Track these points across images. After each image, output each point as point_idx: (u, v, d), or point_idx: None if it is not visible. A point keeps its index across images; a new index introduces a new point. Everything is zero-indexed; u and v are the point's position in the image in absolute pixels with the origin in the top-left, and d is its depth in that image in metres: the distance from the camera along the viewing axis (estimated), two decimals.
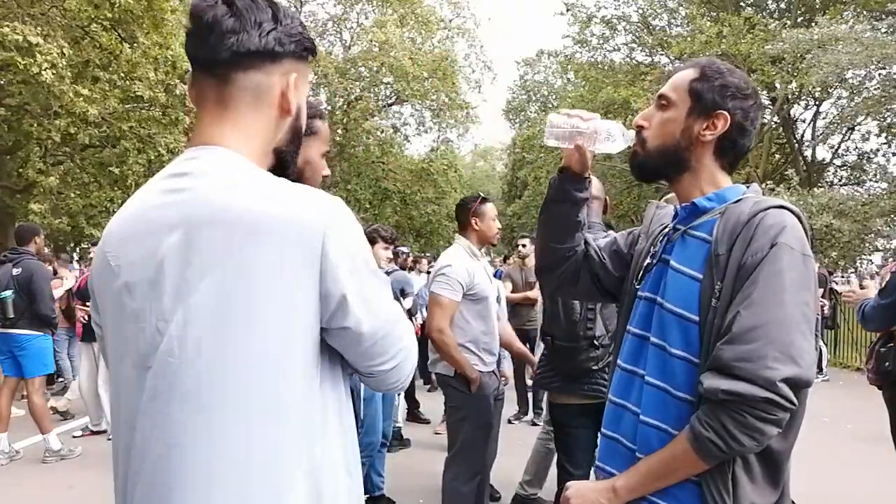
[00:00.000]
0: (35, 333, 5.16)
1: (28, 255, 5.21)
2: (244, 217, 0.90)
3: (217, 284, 0.90)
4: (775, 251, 1.16)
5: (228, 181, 0.94)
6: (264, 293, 0.90)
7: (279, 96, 1.01)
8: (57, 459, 5.13)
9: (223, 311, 0.90)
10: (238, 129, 1.00)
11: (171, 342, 0.91)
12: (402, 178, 22.48)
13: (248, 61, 0.98)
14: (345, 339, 0.97)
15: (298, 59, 1.03)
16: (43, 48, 8.81)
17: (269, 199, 0.92)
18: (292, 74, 1.02)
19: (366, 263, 0.98)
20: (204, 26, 0.97)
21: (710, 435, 1.14)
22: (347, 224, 0.96)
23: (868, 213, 13.12)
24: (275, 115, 1.03)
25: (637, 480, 1.26)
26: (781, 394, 1.10)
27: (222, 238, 0.90)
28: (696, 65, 1.36)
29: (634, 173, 1.41)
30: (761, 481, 1.20)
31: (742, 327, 1.13)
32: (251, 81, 1.00)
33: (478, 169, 45.33)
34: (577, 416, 2.84)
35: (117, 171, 11.37)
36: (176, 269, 0.92)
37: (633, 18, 20.75)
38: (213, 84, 1.00)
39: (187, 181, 0.96)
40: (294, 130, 1.07)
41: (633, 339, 1.38)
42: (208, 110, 1.02)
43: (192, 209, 0.93)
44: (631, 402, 1.35)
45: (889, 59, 12.39)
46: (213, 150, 0.99)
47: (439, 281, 3.22)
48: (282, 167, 1.08)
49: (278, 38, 0.99)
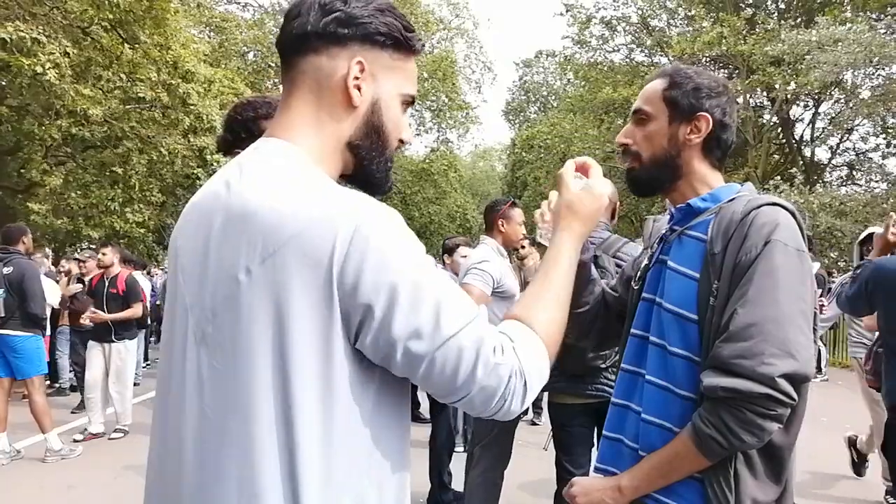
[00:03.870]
0: (25, 334, 5.14)
1: (18, 255, 5.21)
2: (258, 217, 0.85)
3: (229, 282, 0.86)
4: (769, 248, 1.17)
5: (261, 177, 0.90)
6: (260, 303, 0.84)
7: (342, 84, 0.95)
8: (58, 459, 5.13)
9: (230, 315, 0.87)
10: (298, 119, 0.96)
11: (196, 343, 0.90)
12: (403, 178, 22.53)
13: (308, 43, 0.94)
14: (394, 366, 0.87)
15: (372, 44, 0.95)
16: (46, 48, 8.82)
17: (285, 202, 0.85)
18: (355, 59, 0.94)
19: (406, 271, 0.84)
20: (285, 17, 0.97)
21: (712, 432, 1.15)
22: (372, 228, 0.84)
23: (869, 214, 13.13)
24: (339, 106, 0.96)
25: (641, 478, 1.27)
26: (780, 389, 1.11)
27: (237, 236, 0.86)
28: (662, 74, 1.37)
29: (632, 189, 1.42)
30: (763, 476, 1.21)
31: (739, 325, 1.14)
32: (311, 65, 0.95)
33: (478, 169, 45.30)
34: (577, 415, 2.85)
35: (120, 171, 11.38)
36: (215, 261, 0.89)
37: (632, 19, 20.75)
38: (283, 72, 0.98)
39: (236, 173, 0.93)
40: (370, 126, 0.98)
41: (634, 340, 1.40)
42: (281, 100, 0.99)
43: (226, 204, 0.90)
44: (633, 402, 1.36)
45: (888, 59, 12.40)
46: (268, 142, 0.96)
47: (474, 273, 3.25)
48: (360, 165, 0.99)
49: (341, 20, 0.93)
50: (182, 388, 0.91)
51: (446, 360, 0.85)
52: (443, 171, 23.17)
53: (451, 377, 0.86)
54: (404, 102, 1.02)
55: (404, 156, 24.41)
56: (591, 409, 2.81)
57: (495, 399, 0.88)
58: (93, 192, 11.35)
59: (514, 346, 0.90)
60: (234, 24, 20.25)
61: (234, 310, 0.85)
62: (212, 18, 19.91)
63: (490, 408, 0.89)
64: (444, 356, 0.85)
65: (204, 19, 19.07)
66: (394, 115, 1.00)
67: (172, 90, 10.90)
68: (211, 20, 19.92)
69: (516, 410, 0.91)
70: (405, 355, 0.84)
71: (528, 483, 4.43)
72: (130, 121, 11.32)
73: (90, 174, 11.89)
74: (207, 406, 0.88)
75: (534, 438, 5.51)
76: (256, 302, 0.83)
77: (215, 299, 0.87)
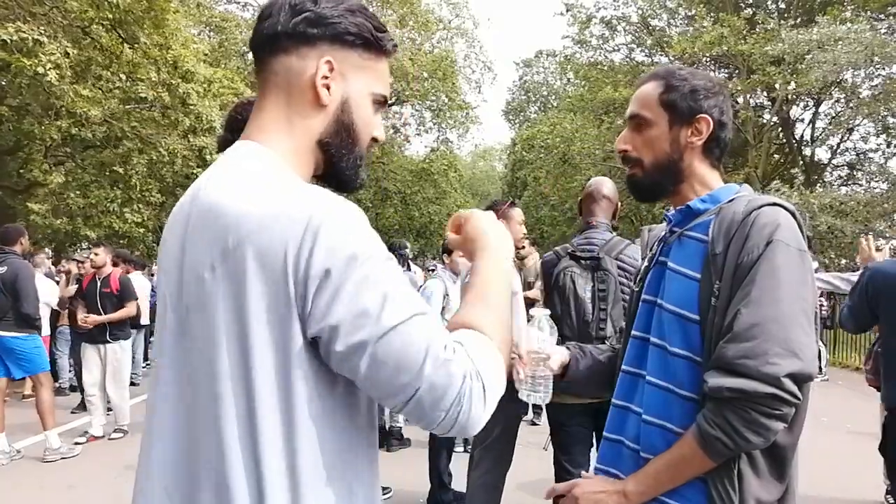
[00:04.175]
0: (20, 334, 5.14)
1: (13, 255, 5.21)
2: (221, 216, 0.87)
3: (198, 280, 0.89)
4: (771, 248, 1.17)
5: (228, 179, 0.92)
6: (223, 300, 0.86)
7: (311, 83, 0.96)
8: (58, 458, 5.13)
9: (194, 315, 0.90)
10: (270, 120, 0.98)
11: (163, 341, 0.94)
12: (403, 178, 22.53)
13: (278, 43, 0.96)
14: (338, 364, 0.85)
15: (342, 44, 0.97)
16: (46, 48, 8.81)
17: (248, 202, 0.86)
18: (324, 59, 0.96)
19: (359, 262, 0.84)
20: (258, 18, 0.98)
21: (717, 433, 1.14)
22: (324, 219, 0.84)
23: (869, 214, 13.14)
24: (308, 105, 0.97)
25: (648, 484, 1.25)
26: (785, 388, 1.10)
27: (204, 235, 0.89)
28: (656, 77, 1.36)
29: (635, 195, 1.42)
30: (767, 476, 1.21)
31: (742, 325, 1.14)
32: (281, 65, 0.97)
33: (478, 169, 45.35)
34: (577, 415, 2.85)
35: (119, 171, 11.38)
36: (187, 260, 0.92)
37: (632, 19, 20.75)
38: (257, 73, 1.00)
39: (210, 174, 0.96)
40: (340, 124, 0.99)
41: (634, 342, 1.39)
42: (256, 101, 1.01)
43: (196, 205, 0.93)
44: (634, 404, 1.36)
45: (888, 59, 12.40)
46: (243, 145, 0.97)
47: None
48: (330, 162, 1.01)
49: (310, 20, 0.95)
50: (166, 383, 0.93)
51: (389, 351, 0.81)
52: (443, 171, 23.17)
53: (395, 371, 0.81)
54: (376, 102, 1.03)
55: (404, 156, 24.41)
56: (590, 410, 2.81)
57: (448, 401, 0.81)
58: (92, 192, 11.35)
59: (466, 349, 0.85)
60: (233, 24, 20.24)
61: (203, 306, 0.87)
62: (211, 18, 19.91)
63: (443, 412, 0.82)
64: (388, 346, 0.81)
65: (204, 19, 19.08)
66: (364, 113, 1.01)
67: (172, 90, 10.89)
68: (211, 20, 19.92)
69: (478, 417, 0.84)
70: (347, 344, 0.82)
71: (528, 483, 4.42)
72: (130, 121, 11.32)
73: (90, 174, 11.88)
74: (185, 400, 0.90)
75: (534, 438, 5.51)
76: (221, 298, 0.85)
77: (189, 297, 0.90)
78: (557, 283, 2.85)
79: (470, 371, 0.83)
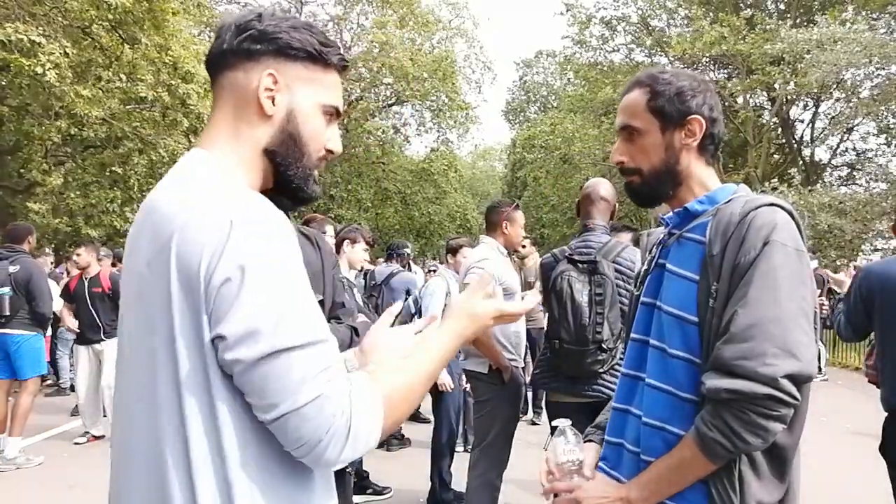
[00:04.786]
0: (27, 333, 5.13)
1: (24, 254, 5.20)
2: (156, 216, 0.92)
3: (139, 276, 0.94)
4: (768, 249, 1.16)
5: (172, 183, 0.97)
6: (156, 293, 0.89)
7: (255, 95, 1.00)
8: (13, 468, 4.97)
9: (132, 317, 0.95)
10: (220, 131, 1.02)
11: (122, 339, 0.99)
12: (403, 178, 22.51)
13: (225, 60, 1.01)
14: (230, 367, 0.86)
15: (286, 58, 1.01)
16: (46, 48, 8.82)
17: (181, 204, 0.91)
18: (266, 71, 1.00)
19: (261, 275, 0.84)
20: (213, 39, 1.05)
21: (716, 435, 1.14)
22: (242, 228, 0.86)
23: (868, 214, 13.14)
24: (254, 116, 1.01)
25: (651, 489, 1.25)
26: (783, 389, 1.10)
27: (145, 234, 0.94)
28: (640, 84, 1.35)
29: (635, 200, 1.42)
30: (768, 477, 1.21)
31: (740, 326, 1.14)
32: (228, 80, 1.02)
33: (478, 169, 45.32)
34: (574, 413, 2.86)
35: (119, 171, 11.38)
36: (133, 259, 0.97)
37: (632, 19, 20.76)
38: (212, 89, 1.06)
39: (164, 179, 1.01)
40: (286, 134, 1.02)
41: (634, 345, 1.39)
42: (209, 116, 1.06)
43: (146, 206, 0.98)
44: (633, 406, 1.35)
45: (888, 59, 12.40)
46: (192, 153, 1.02)
47: (474, 273, 3.26)
48: (277, 171, 1.04)
49: (254, 37, 1.00)
50: (122, 378, 0.98)
51: (269, 373, 0.82)
52: (443, 171, 23.16)
53: (271, 391, 0.83)
54: (327, 113, 1.06)
55: (404, 156, 24.39)
56: (587, 408, 2.82)
57: (312, 434, 0.82)
58: (92, 192, 11.35)
59: (350, 391, 0.86)
60: None
61: (141, 301, 0.92)
62: (212, 18, 19.89)
63: (303, 443, 0.83)
64: (269, 367, 0.82)
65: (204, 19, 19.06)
66: (314, 124, 1.04)
67: (172, 90, 10.89)
68: (211, 20, 19.90)
69: (332, 458, 0.85)
70: (233, 357, 0.83)
71: (529, 483, 4.42)
72: (131, 121, 11.32)
73: (90, 174, 11.89)
74: (132, 394, 0.94)
75: (534, 438, 5.51)
76: (155, 293, 0.89)
77: (132, 293, 0.95)
78: (555, 287, 2.87)
79: (341, 412, 0.84)
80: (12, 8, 9.27)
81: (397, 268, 5.29)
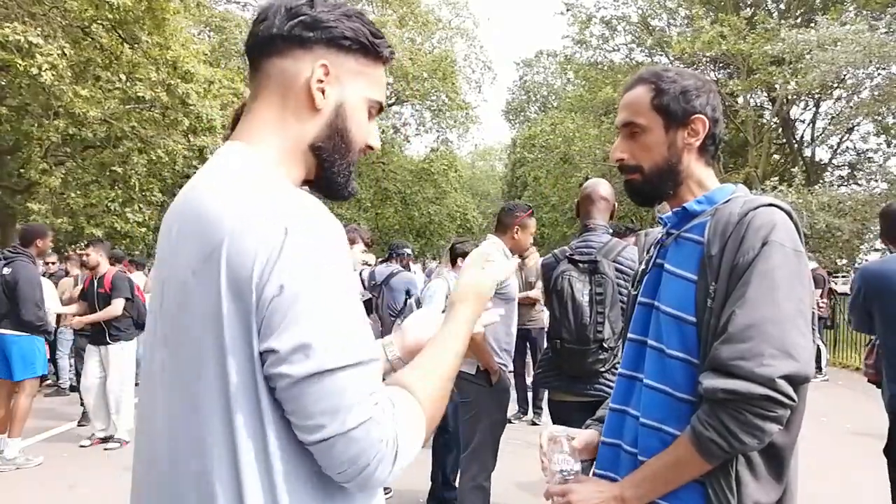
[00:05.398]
0: (21, 334, 5.07)
1: (23, 257, 5.13)
2: (202, 219, 0.86)
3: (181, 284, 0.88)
4: (766, 249, 1.16)
5: (215, 180, 0.91)
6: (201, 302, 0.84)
7: (306, 87, 0.95)
8: (12, 469, 4.95)
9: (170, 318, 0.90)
10: (261, 123, 0.96)
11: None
12: (403, 178, 22.54)
13: (273, 46, 0.95)
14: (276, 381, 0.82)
15: (338, 49, 0.96)
16: (43, 49, 8.82)
17: (226, 203, 0.85)
18: (319, 62, 0.94)
19: (313, 288, 0.81)
20: (253, 21, 0.98)
21: (712, 435, 1.14)
22: (298, 236, 0.82)
23: (868, 213, 13.14)
24: (303, 109, 0.96)
25: (645, 488, 1.24)
26: (780, 390, 1.10)
27: (187, 239, 0.88)
28: (643, 81, 1.34)
29: (636, 200, 1.41)
30: (765, 477, 1.21)
31: (737, 326, 1.14)
32: (276, 68, 0.96)
33: (478, 169, 45.36)
34: (576, 411, 2.87)
35: (119, 171, 11.38)
36: (172, 265, 0.91)
37: (632, 19, 20.76)
38: (251, 75, 0.99)
39: (197, 177, 0.95)
40: (334, 129, 0.97)
41: (631, 345, 1.39)
42: (247, 103, 0.99)
43: (185, 206, 0.92)
44: (631, 407, 1.35)
45: (888, 59, 12.40)
46: (230, 146, 0.97)
47: None
48: (322, 167, 0.99)
49: (306, 23, 0.94)
50: (153, 388, 0.93)
51: (319, 392, 0.79)
52: (443, 171, 23.19)
53: (319, 412, 0.79)
54: (371, 109, 1.02)
55: (404, 156, 24.41)
56: (589, 407, 2.82)
57: (359, 458, 0.80)
58: (92, 192, 11.36)
59: (394, 413, 0.84)
60: (233, 24, 20.25)
61: (185, 311, 0.86)
62: (211, 18, 19.92)
63: (350, 465, 0.80)
64: (319, 386, 0.79)
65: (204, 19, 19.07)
66: (360, 119, 1.00)
67: (172, 90, 10.90)
68: (211, 20, 19.92)
69: (380, 479, 0.83)
70: (281, 372, 0.80)
71: (528, 483, 4.43)
72: (130, 121, 11.32)
73: (90, 174, 11.90)
74: (170, 406, 0.89)
75: (534, 438, 5.48)
76: (202, 302, 0.83)
77: (173, 301, 0.89)
78: (555, 287, 2.88)
79: (389, 437, 0.82)
80: (12, 8, 9.27)
81: (397, 268, 5.29)
